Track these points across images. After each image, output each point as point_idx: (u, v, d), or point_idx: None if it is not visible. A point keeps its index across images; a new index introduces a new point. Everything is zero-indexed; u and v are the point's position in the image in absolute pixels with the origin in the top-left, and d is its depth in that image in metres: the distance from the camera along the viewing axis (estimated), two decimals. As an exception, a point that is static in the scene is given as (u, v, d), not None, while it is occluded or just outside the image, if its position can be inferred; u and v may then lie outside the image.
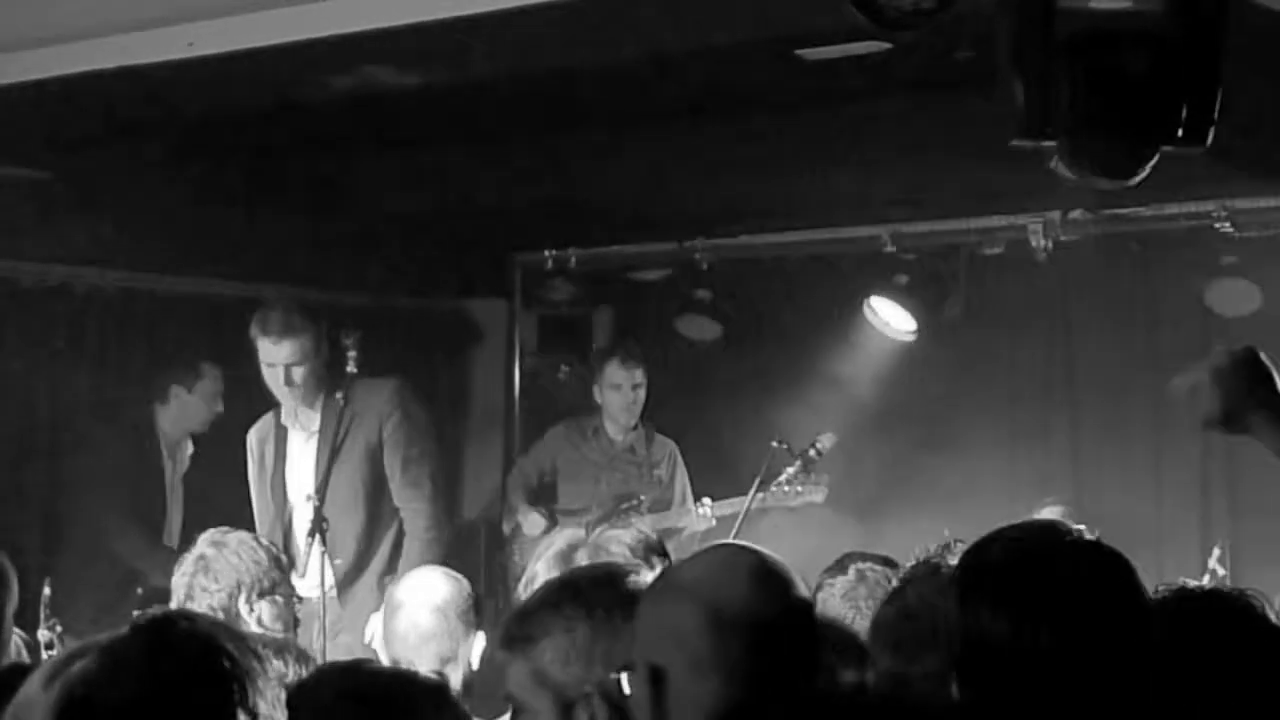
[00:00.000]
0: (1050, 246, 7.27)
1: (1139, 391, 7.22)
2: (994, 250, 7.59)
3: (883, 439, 7.80)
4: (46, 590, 5.17)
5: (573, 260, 8.45)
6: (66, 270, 7.24)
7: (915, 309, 7.57)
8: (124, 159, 6.53)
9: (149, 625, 2.01)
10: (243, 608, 4.71)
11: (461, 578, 4.75)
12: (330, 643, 6.08)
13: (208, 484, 7.18)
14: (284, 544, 6.23)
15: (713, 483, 7.67)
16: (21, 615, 4.72)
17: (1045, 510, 7.04)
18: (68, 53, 5.18)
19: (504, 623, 2.87)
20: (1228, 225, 6.87)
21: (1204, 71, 3.89)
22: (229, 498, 6.74)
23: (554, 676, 2.66)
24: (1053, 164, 4.01)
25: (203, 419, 7.25)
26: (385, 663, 4.35)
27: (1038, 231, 7.27)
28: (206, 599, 4.65)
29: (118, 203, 6.85)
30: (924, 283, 7.56)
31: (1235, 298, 6.83)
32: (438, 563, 6.17)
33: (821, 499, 7.25)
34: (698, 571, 2.57)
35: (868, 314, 7.68)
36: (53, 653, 4.88)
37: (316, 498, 6.09)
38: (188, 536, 5.14)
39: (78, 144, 6.35)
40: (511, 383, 8.85)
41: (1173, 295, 7.06)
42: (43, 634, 5.07)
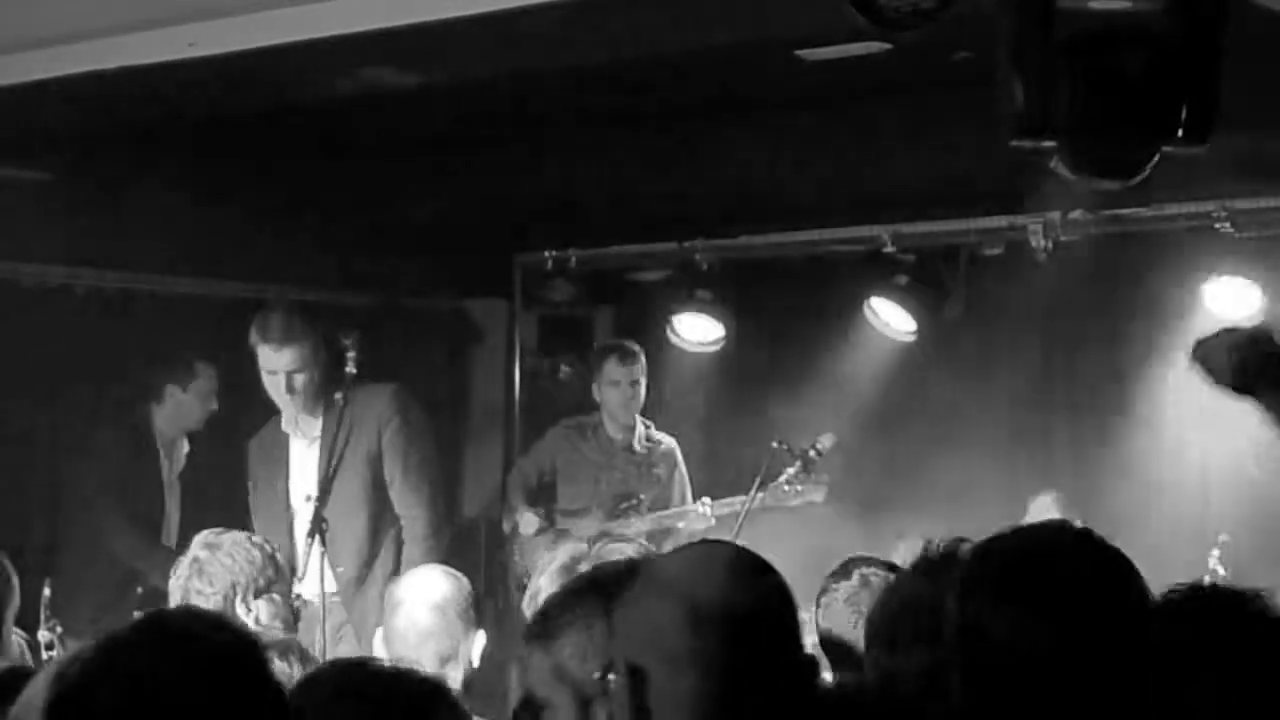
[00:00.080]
0: (1050, 246, 7.25)
1: (1139, 392, 7.22)
2: (994, 250, 7.58)
3: (882, 439, 7.80)
4: (47, 591, 5.17)
5: (573, 260, 8.44)
6: (66, 270, 7.23)
7: (915, 309, 7.56)
8: (124, 159, 6.53)
9: (143, 624, 2.01)
10: (239, 608, 4.71)
11: (461, 576, 4.73)
12: (334, 647, 6.07)
13: (205, 483, 7.17)
14: (290, 551, 6.22)
15: (713, 483, 7.66)
16: (22, 616, 4.74)
17: (1040, 499, 7.05)
18: (68, 53, 5.18)
19: (530, 617, 2.87)
20: (1228, 225, 6.86)
21: (1204, 71, 3.89)
22: (226, 496, 6.74)
23: (572, 672, 2.65)
24: (1053, 164, 4.01)
25: (198, 418, 7.24)
26: (385, 661, 4.34)
27: (1038, 231, 7.25)
28: (202, 602, 4.64)
29: (118, 203, 6.85)
30: (924, 283, 7.55)
31: (1235, 298, 6.83)
32: (436, 566, 6.19)
33: (821, 498, 7.24)
34: (673, 568, 2.55)
35: (868, 314, 7.67)
36: (53, 653, 4.89)
37: (317, 499, 6.08)
38: (186, 536, 5.13)
39: (78, 144, 6.36)
40: (511, 383, 8.84)
41: (1173, 295, 7.05)
42: (43, 635, 5.06)
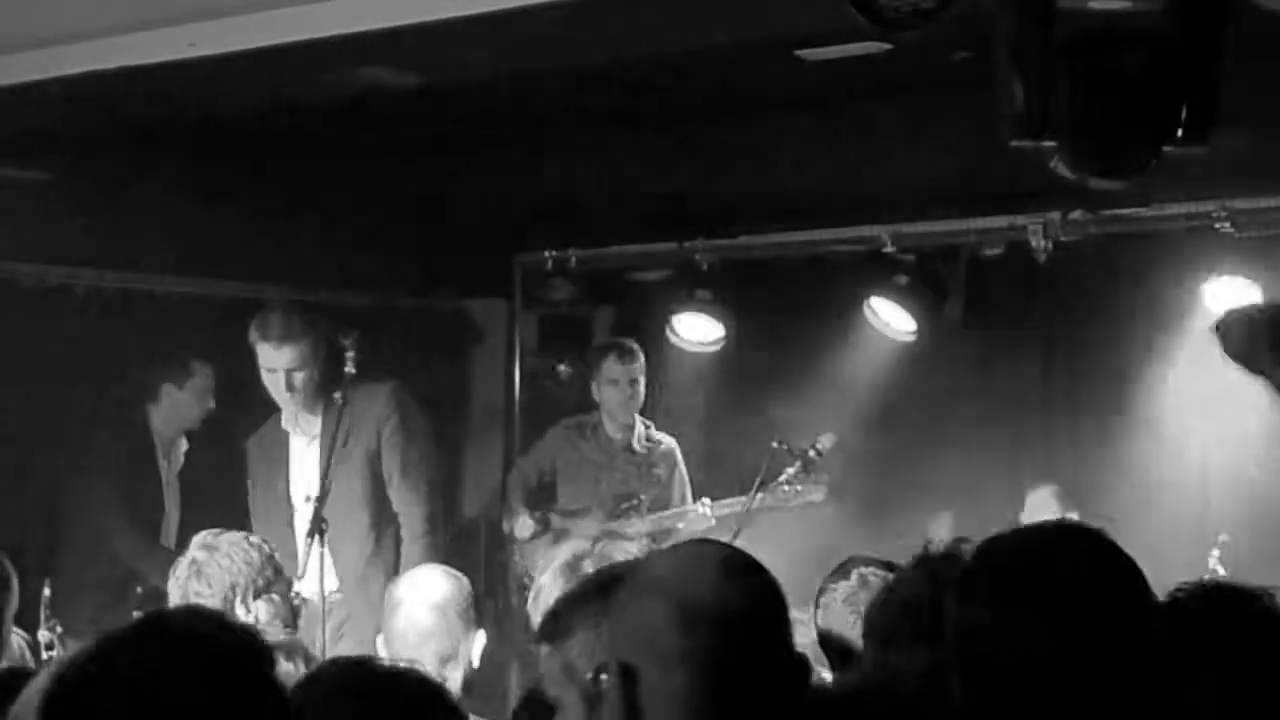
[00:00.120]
0: (1050, 246, 7.26)
1: (1139, 391, 7.22)
2: (994, 250, 7.58)
3: (883, 439, 7.79)
4: (47, 591, 5.17)
5: (573, 260, 8.44)
6: (66, 270, 7.23)
7: (915, 309, 7.56)
8: (124, 159, 6.53)
9: (143, 624, 2.01)
10: (239, 609, 4.71)
11: (461, 576, 4.73)
12: (334, 646, 6.07)
13: (204, 482, 7.17)
14: (290, 549, 6.22)
15: (713, 483, 7.66)
16: (22, 616, 4.74)
17: (1039, 491, 7.06)
18: (68, 53, 5.19)
19: (540, 616, 2.88)
20: (1228, 225, 6.86)
21: (1204, 71, 3.89)
22: (225, 496, 6.74)
23: (581, 671, 2.65)
24: (1053, 164, 4.02)
25: (195, 417, 7.23)
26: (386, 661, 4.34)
27: (1038, 231, 7.26)
28: (201, 603, 4.65)
29: (118, 203, 6.85)
30: (924, 283, 7.55)
31: (1235, 298, 6.83)
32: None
33: (821, 498, 7.24)
34: (664, 568, 2.55)
35: (868, 314, 7.67)
36: (53, 653, 4.89)
37: (317, 500, 6.08)
38: (185, 535, 5.13)
39: (78, 144, 6.36)
40: (511, 383, 8.85)
41: (1173, 295, 7.05)
42: (43, 635, 5.06)
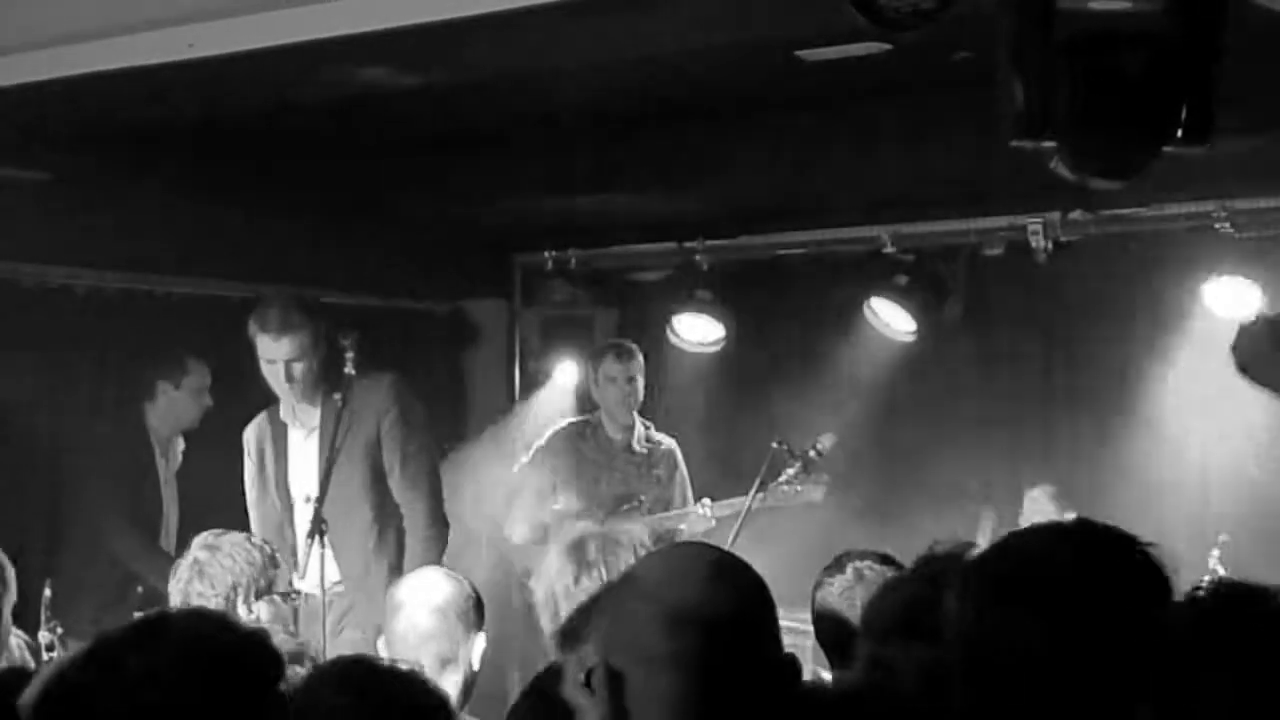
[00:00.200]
0: (1050, 246, 7.26)
1: (1139, 391, 7.22)
2: (994, 250, 7.58)
3: (883, 439, 7.80)
4: (47, 592, 5.16)
5: (573, 260, 8.44)
6: (66, 270, 7.23)
7: (915, 309, 7.56)
8: (124, 159, 6.53)
9: (143, 624, 2.02)
10: (241, 610, 4.71)
11: (462, 578, 4.73)
12: (336, 638, 6.07)
13: (202, 481, 7.17)
14: (292, 543, 6.23)
15: (713, 483, 7.66)
16: (22, 617, 4.74)
17: (1035, 491, 7.06)
18: (68, 54, 5.19)
19: (560, 622, 2.88)
20: (1228, 225, 6.86)
21: (1204, 71, 3.89)
22: (224, 495, 6.73)
23: None
24: (1053, 164, 4.02)
25: (192, 415, 7.23)
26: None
27: (1038, 231, 7.26)
28: (203, 604, 4.65)
29: (118, 203, 6.85)
30: (924, 283, 7.55)
31: (1235, 298, 6.83)
32: (439, 560, 6.18)
33: (821, 498, 7.24)
34: (650, 571, 2.55)
35: (868, 314, 7.67)
36: (53, 654, 4.89)
37: (316, 499, 6.08)
38: (184, 535, 5.13)
39: (78, 144, 6.36)
40: (511, 383, 8.85)
41: (1172, 295, 7.06)
42: (44, 635, 5.06)
